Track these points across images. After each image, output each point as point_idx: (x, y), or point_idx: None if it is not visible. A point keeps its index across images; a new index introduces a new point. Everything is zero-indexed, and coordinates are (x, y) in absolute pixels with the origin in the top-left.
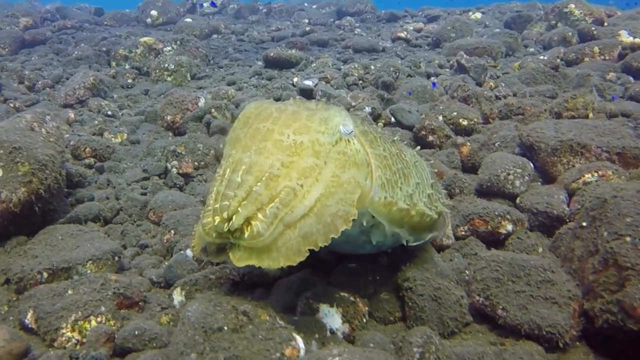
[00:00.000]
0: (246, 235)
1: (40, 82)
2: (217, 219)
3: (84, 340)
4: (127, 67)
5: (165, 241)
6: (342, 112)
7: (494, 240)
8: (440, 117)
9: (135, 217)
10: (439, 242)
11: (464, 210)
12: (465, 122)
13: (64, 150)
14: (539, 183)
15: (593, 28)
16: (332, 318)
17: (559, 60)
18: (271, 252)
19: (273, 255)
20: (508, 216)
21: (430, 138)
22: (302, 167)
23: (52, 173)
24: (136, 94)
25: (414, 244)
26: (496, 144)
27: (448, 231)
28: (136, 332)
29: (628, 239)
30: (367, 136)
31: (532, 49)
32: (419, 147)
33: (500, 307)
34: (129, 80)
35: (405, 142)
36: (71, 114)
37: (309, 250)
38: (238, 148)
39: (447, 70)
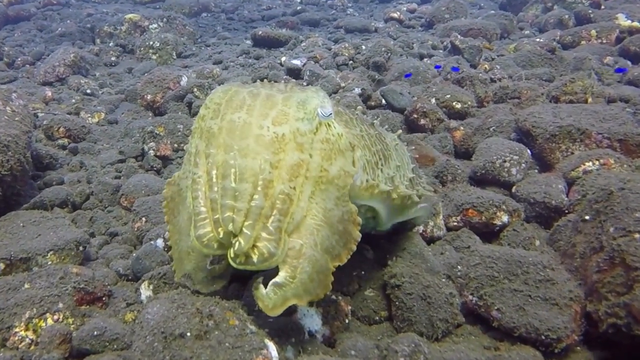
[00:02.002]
0: (255, 259)
1: (19, 59)
2: (222, 230)
3: (39, 340)
4: (111, 44)
5: (135, 229)
6: (319, 92)
7: (489, 232)
8: (433, 100)
9: (106, 202)
10: (429, 234)
11: (456, 199)
12: (458, 105)
13: (31, 130)
14: (536, 171)
15: (590, 11)
16: (311, 319)
17: (555, 43)
18: (305, 284)
19: (309, 288)
20: (504, 206)
21: (422, 121)
22: (290, 164)
23: (15, 155)
24: (119, 72)
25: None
26: (491, 129)
27: (439, 222)
28: (95, 333)
29: (637, 235)
30: (342, 117)
31: (527, 32)
32: (400, 132)
33: (495, 307)
34: (113, 58)
35: (396, 127)
36: (48, 92)
37: (335, 266)
38: (217, 147)
39: (441, 51)
